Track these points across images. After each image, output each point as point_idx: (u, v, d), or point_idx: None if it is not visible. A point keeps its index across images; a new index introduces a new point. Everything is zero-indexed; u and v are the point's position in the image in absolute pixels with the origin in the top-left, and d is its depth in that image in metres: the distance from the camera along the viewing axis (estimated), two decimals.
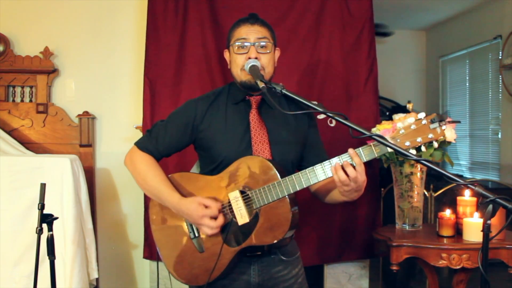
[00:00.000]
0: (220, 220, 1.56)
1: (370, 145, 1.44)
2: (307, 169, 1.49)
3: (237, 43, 1.64)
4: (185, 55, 2.76)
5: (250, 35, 1.64)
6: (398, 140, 1.40)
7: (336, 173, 1.44)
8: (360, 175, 1.44)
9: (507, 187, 3.34)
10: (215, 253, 1.58)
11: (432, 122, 1.37)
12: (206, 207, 1.56)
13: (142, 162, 1.70)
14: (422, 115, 1.40)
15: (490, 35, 4.59)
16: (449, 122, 1.39)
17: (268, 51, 1.65)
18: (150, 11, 2.75)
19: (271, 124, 1.68)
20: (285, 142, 1.67)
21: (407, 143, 1.39)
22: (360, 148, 1.45)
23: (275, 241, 1.51)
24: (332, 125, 1.47)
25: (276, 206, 1.51)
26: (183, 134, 1.70)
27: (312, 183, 1.49)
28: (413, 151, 1.41)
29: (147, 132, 1.76)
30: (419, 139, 1.38)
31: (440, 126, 1.36)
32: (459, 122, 1.61)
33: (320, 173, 1.48)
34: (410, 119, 1.41)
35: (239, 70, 1.64)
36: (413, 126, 1.39)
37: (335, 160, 1.46)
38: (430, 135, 1.37)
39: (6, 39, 2.94)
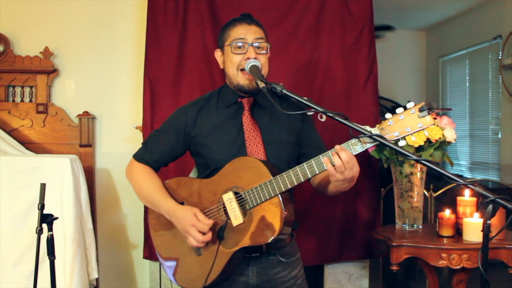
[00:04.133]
0: (208, 236, 1.56)
1: (359, 138, 1.41)
2: (298, 166, 1.48)
3: (234, 43, 1.63)
4: (185, 55, 2.76)
5: (248, 35, 1.63)
6: (387, 131, 1.37)
7: (333, 158, 1.41)
8: (355, 163, 1.42)
9: (507, 187, 3.34)
10: (212, 255, 1.58)
11: (421, 110, 1.33)
12: (199, 220, 1.56)
13: (139, 172, 1.73)
14: (410, 104, 1.35)
15: (490, 35, 4.59)
16: (438, 110, 1.36)
17: (264, 52, 1.65)
18: (150, 11, 2.75)
19: (264, 125, 1.68)
20: (279, 142, 1.67)
21: (396, 134, 1.37)
22: (348, 142, 1.43)
23: (269, 240, 1.50)
24: (323, 119, 1.45)
25: (269, 205, 1.51)
26: (176, 142, 1.71)
27: (302, 180, 1.48)
28: (413, 151, 1.40)
29: (143, 144, 1.79)
30: (408, 129, 1.35)
31: (429, 114, 1.32)
32: (450, 109, 1.59)
33: (310, 169, 1.46)
34: (398, 109, 1.38)
35: (236, 70, 1.64)
36: (401, 117, 1.36)
37: (324, 156, 1.44)
38: (420, 124, 1.33)
39: (6, 39, 2.94)
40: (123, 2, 3.03)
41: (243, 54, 1.63)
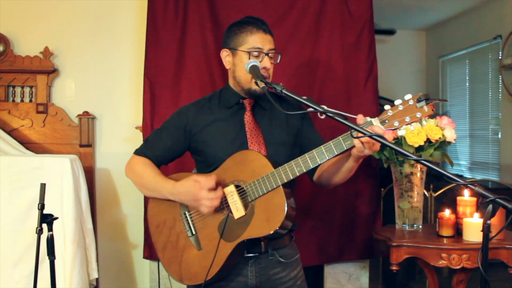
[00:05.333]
0: (220, 191, 1.55)
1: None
2: (299, 157, 1.49)
3: (253, 51, 1.63)
4: (185, 55, 2.76)
5: (265, 45, 1.64)
6: (387, 121, 1.41)
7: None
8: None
9: (507, 187, 3.34)
10: (213, 249, 1.58)
11: (419, 101, 1.37)
12: (202, 180, 1.55)
13: (139, 164, 1.73)
14: (408, 96, 1.41)
15: (490, 35, 4.59)
16: (434, 100, 1.40)
17: (273, 62, 1.68)
18: (150, 11, 2.75)
19: (265, 126, 1.69)
20: (279, 143, 1.68)
21: (396, 123, 1.40)
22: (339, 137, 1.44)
23: (272, 232, 1.49)
24: (322, 117, 1.46)
25: (271, 197, 1.52)
26: (177, 139, 1.72)
27: (305, 171, 1.49)
28: (413, 151, 1.40)
29: (145, 141, 1.80)
30: (407, 119, 1.40)
31: (427, 104, 1.37)
32: (445, 101, 1.62)
33: (312, 160, 1.47)
34: (397, 101, 1.42)
35: (250, 77, 1.63)
36: (400, 107, 1.40)
37: (326, 145, 1.46)
38: (418, 114, 1.38)
39: (6, 39, 2.94)
40: (123, 2, 3.03)
41: (259, 63, 1.63)
